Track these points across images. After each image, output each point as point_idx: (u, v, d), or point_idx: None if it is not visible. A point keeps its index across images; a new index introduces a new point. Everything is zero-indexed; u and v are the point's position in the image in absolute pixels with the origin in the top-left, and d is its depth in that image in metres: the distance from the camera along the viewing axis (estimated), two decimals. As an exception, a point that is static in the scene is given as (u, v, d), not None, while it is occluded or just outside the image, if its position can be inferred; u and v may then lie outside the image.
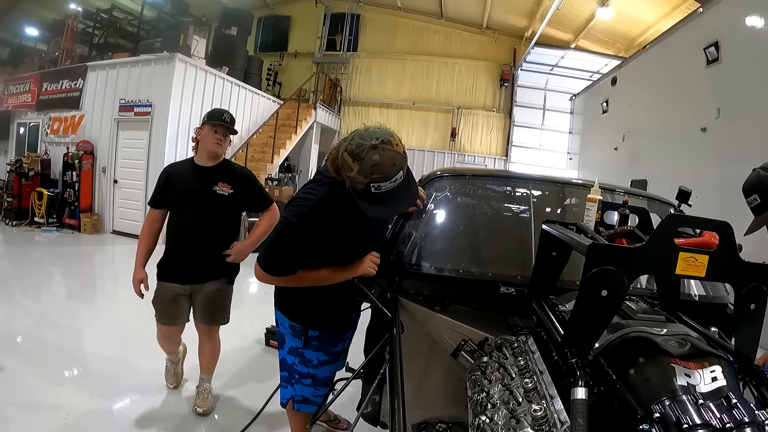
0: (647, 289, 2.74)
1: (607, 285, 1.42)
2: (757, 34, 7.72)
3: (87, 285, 8.49)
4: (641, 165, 11.42)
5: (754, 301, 1.52)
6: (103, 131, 12.88)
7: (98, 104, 13.05)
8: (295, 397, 2.97)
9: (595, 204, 2.27)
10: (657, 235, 1.45)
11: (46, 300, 7.13)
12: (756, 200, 2.24)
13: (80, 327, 5.87)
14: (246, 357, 5.28)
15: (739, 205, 2.44)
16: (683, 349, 1.49)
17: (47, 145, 14.11)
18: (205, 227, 3.82)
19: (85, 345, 5.26)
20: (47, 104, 14.43)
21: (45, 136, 14.38)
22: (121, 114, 12.48)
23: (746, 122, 7.72)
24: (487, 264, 2.97)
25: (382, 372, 2.64)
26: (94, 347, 5.10)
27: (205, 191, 3.81)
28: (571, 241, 1.84)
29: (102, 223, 12.84)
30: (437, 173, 3.35)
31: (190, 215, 3.82)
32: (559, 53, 17.99)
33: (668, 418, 1.24)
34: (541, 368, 1.81)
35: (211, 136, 3.85)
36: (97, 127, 13.02)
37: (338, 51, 20.84)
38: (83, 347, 5.17)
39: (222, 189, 3.83)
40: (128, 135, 12.52)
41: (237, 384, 4.57)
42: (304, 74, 20.01)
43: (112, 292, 8.02)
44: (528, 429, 1.51)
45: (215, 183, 3.83)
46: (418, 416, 2.27)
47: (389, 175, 2.15)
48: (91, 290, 8.16)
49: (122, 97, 12.45)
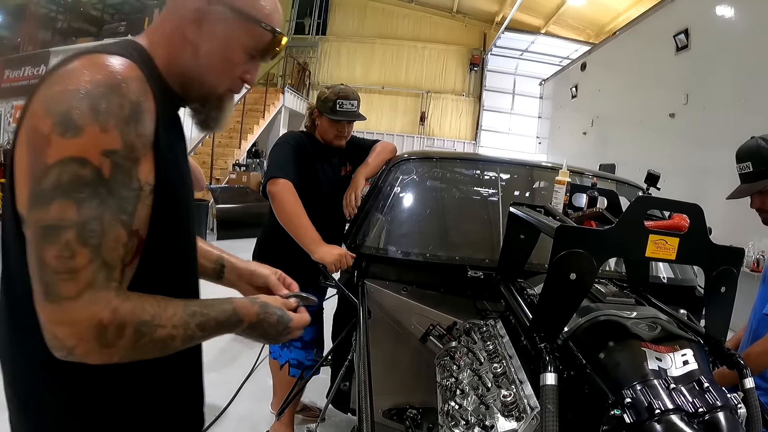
0: (616, 272, 2.74)
1: (575, 268, 1.39)
2: (727, 22, 7.83)
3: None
4: (610, 149, 11.56)
5: (724, 284, 1.51)
6: (66, 118, 12.54)
7: (61, 90, 12.71)
8: (291, 361, 3.12)
9: (563, 186, 2.24)
10: (627, 217, 1.42)
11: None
12: (748, 168, 2.23)
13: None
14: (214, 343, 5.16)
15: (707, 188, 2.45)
16: (654, 333, 1.47)
17: (9, 135, 13.70)
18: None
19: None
20: (9, 92, 14.12)
21: (8, 125, 14.02)
22: (84, 100, 12.17)
23: (714, 109, 7.84)
24: (454, 247, 2.96)
25: (349, 359, 2.61)
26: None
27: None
28: (539, 224, 1.81)
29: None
30: (404, 156, 3.31)
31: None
32: (530, 38, 18.12)
33: (640, 402, 1.22)
34: (510, 353, 1.79)
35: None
36: (60, 115, 12.66)
37: (307, 34, 20.73)
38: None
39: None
40: (92, 121, 12.21)
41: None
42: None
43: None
44: (498, 414, 1.48)
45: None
46: (387, 402, 2.24)
47: (350, 97, 3.09)
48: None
49: (86, 82, 12.17)
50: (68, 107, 0.91)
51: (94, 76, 0.95)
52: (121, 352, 0.97)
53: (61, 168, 0.90)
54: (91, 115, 0.92)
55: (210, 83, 1.22)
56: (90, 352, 0.94)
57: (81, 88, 0.93)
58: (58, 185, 0.90)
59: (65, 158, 0.90)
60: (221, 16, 1.15)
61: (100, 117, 0.92)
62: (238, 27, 1.17)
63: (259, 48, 1.23)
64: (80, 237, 0.91)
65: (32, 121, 0.94)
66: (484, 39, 20.38)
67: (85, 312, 0.91)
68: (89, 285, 0.92)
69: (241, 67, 1.23)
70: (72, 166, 0.91)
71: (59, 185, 0.90)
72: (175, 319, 1.05)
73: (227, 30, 1.17)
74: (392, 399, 2.27)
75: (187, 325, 1.07)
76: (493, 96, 20.27)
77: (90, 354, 0.94)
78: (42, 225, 0.91)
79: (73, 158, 0.91)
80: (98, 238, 0.93)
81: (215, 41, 1.17)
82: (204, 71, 1.20)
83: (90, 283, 0.92)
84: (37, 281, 0.92)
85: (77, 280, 0.91)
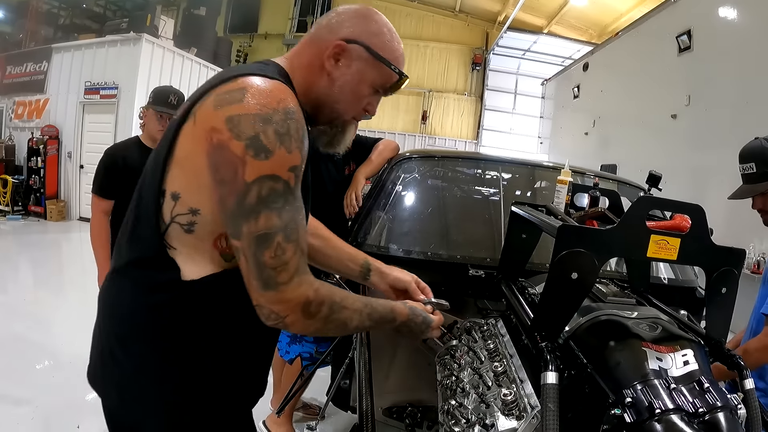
0: (617, 272, 2.74)
1: (577, 267, 1.39)
2: (730, 23, 7.81)
3: (55, 275, 8.32)
4: (611, 150, 11.52)
5: (725, 285, 1.51)
6: (68, 115, 12.61)
7: (63, 87, 12.77)
8: (303, 355, 3.18)
9: (565, 186, 2.24)
10: (628, 217, 1.42)
11: (12, 291, 6.97)
12: (751, 168, 2.23)
13: (49, 318, 5.77)
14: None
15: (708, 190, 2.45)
16: (654, 333, 1.47)
17: (11, 131, 13.76)
18: None
19: (54, 336, 5.15)
20: (11, 88, 14.04)
21: (9, 121, 13.98)
22: (86, 97, 12.24)
23: (716, 110, 7.81)
24: (456, 246, 2.96)
25: (350, 356, 2.61)
26: (63, 338, 4.97)
27: None
28: (541, 223, 1.81)
29: (68, 210, 12.64)
30: (406, 155, 3.31)
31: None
32: (532, 38, 18.10)
33: (640, 402, 1.22)
34: (510, 352, 1.80)
35: (155, 124, 3.32)
36: (62, 111, 12.74)
37: (309, 32, 20.62)
38: (53, 338, 5.05)
39: None
40: (94, 119, 12.29)
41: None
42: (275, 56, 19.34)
43: (80, 281, 7.76)
44: (498, 413, 1.49)
45: None
46: (387, 401, 2.24)
47: None
48: (59, 280, 8.00)
49: (88, 79, 12.21)
50: (256, 133, 1.14)
51: (269, 102, 1.17)
52: (317, 324, 1.27)
53: (260, 184, 1.14)
54: (277, 139, 1.15)
55: (339, 110, 1.44)
56: (296, 321, 1.23)
57: (261, 114, 1.15)
58: (260, 199, 1.15)
59: (262, 176, 1.14)
60: (358, 54, 1.38)
61: (284, 141, 1.16)
62: (371, 66, 1.40)
63: (386, 86, 1.46)
64: (285, 237, 1.17)
65: (218, 138, 1.16)
66: (487, 38, 20.33)
67: (296, 292, 1.20)
68: (296, 271, 1.20)
69: (366, 99, 1.46)
70: (268, 183, 1.15)
71: (261, 199, 1.15)
72: (355, 305, 1.36)
73: (361, 67, 1.39)
74: (392, 397, 2.27)
75: (361, 312, 1.38)
76: (494, 95, 20.22)
77: (295, 323, 1.24)
78: (255, 235, 1.15)
79: (268, 176, 1.15)
80: (296, 234, 1.20)
81: (349, 75, 1.39)
82: (336, 99, 1.42)
83: (297, 270, 1.20)
84: (255, 277, 1.18)
85: (288, 270, 1.18)
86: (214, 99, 1.20)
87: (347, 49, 1.37)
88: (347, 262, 1.83)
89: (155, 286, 1.28)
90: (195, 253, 1.27)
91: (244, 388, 1.49)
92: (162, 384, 1.32)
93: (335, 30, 1.39)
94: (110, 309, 1.38)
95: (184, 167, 1.24)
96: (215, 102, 1.19)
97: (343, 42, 1.37)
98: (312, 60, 1.40)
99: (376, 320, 1.44)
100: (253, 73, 1.23)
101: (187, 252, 1.27)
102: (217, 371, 1.36)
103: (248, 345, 1.44)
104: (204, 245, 1.27)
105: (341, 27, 1.39)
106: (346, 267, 1.83)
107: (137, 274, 1.31)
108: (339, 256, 1.84)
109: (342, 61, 1.38)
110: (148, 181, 1.30)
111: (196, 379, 1.33)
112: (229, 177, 1.15)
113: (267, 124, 1.15)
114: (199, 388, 1.34)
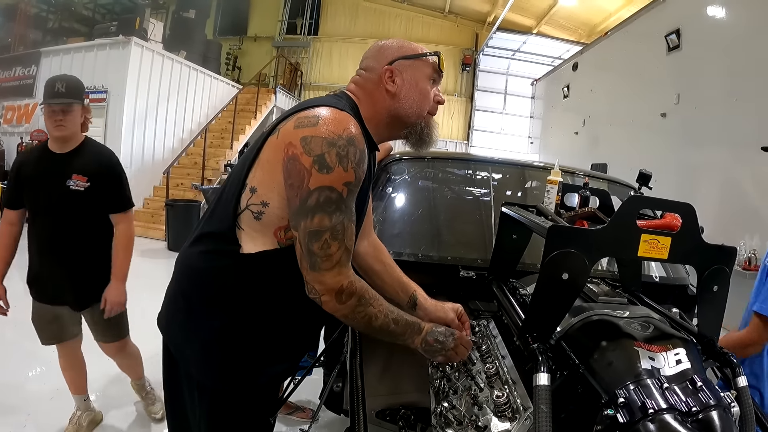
0: (608, 272, 2.73)
1: (568, 268, 1.39)
2: (718, 22, 7.87)
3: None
4: (601, 149, 11.58)
5: (717, 283, 1.51)
6: (57, 119, 12.43)
7: (52, 91, 12.60)
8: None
9: (555, 186, 2.23)
10: (619, 216, 1.42)
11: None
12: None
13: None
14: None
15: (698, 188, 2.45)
16: (646, 332, 1.47)
17: (0, 136, 13.62)
18: (64, 237, 3.02)
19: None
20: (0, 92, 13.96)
21: (-2, 126, 13.90)
22: (76, 101, 12.08)
23: (705, 108, 7.86)
24: (446, 247, 2.95)
25: (342, 359, 2.60)
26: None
27: (57, 186, 2.97)
28: (531, 224, 1.81)
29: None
30: (396, 156, 3.30)
31: (45, 221, 3.04)
32: (521, 38, 18.15)
33: (633, 402, 1.21)
34: (502, 353, 1.80)
35: (49, 121, 3.04)
36: (51, 115, 12.55)
37: (299, 34, 20.61)
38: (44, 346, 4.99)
39: (77, 183, 2.96)
40: (84, 122, 12.12)
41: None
42: (264, 58, 19.69)
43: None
44: (491, 415, 1.48)
45: (69, 175, 2.97)
46: (380, 403, 2.24)
47: None
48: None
49: (77, 83, 12.08)
50: (322, 152, 1.42)
51: (336, 129, 1.45)
52: (345, 310, 1.52)
53: (319, 192, 1.42)
54: (338, 159, 1.43)
55: (415, 112, 1.72)
56: (329, 301, 1.49)
57: (328, 138, 1.43)
58: (318, 204, 1.42)
59: (321, 186, 1.42)
60: (403, 65, 1.70)
61: (343, 161, 1.43)
62: (416, 66, 1.71)
63: (435, 71, 1.75)
64: (332, 235, 1.44)
65: (292, 150, 1.45)
66: (476, 39, 20.37)
67: (334, 279, 1.47)
68: (338, 263, 1.47)
69: (432, 92, 1.75)
70: (326, 192, 1.43)
71: (318, 204, 1.42)
72: (382, 306, 1.59)
73: (410, 72, 1.70)
74: (385, 400, 2.26)
75: (387, 314, 1.60)
76: (485, 96, 20.26)
77: (327, 303, 1.50)
78: (309, 230, 1.43)
79: (326, 187, 1.42)
80: (342, 234, 1.46)
81: (408, 83, 1.69)
82: (408, 106, 1.70)
83: (338, 262, 1.47)
84: (305, 259, 1.46)
85: (331, 260, 1.45)
86: (295, 121, 1.50)
87: (395, 66, 1.68)
88: (398, 290, 2.02)
89: (221, 253, 1.61)
90: (257, 235, 1.57)
91: (277, 345, 1.74)
92: (209, 320, 1.64)
93: (380, 60, 1.71)
94: (185, 268, 1.72)
95: (264, 169, 1.55)
96: (295, 123, 1.50)
97: (388, 65, 1.68)
98: (374, 88, 1.70)
99: (401, 325, 1.63)
100: (328, 105, 1.53)
101: (251, 233, 1.57)
102: (255, 325, 1.66)
103: (285, 308, 1.69)
104: (266, 231, 1.57)
105: (378, 60, 1.72)
106: (396, 295, 2.00)
107: (209, 242, 1.65)
108: (392, 284, 2.04)
109: (397, 78, 1.68)
110: (236, 174, 1.63)
111: (235, 326, 1.64)
112: (297, 183, 1.44)
113: (332, 146, 1.43)
114: (235, 335, 1.64)
